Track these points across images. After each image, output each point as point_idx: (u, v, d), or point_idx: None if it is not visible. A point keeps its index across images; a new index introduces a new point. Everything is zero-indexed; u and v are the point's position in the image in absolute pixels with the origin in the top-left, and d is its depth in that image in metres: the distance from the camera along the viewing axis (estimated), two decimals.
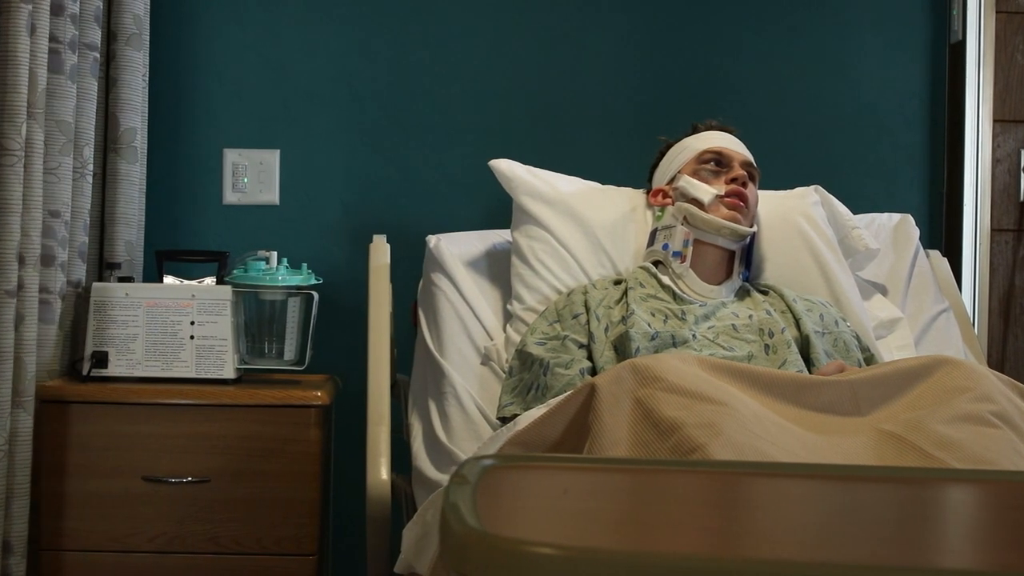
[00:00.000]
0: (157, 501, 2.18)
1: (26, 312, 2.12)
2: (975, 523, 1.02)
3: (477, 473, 0.93)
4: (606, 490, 0.99)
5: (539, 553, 0.72)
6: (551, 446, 1.52)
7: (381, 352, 2.19)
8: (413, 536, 1.81)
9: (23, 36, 2.07)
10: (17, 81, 2.08)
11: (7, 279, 2.07)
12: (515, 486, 0.96)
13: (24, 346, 2.12)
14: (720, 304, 2.06)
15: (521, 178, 2.26)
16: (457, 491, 0.86)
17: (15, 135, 2.07)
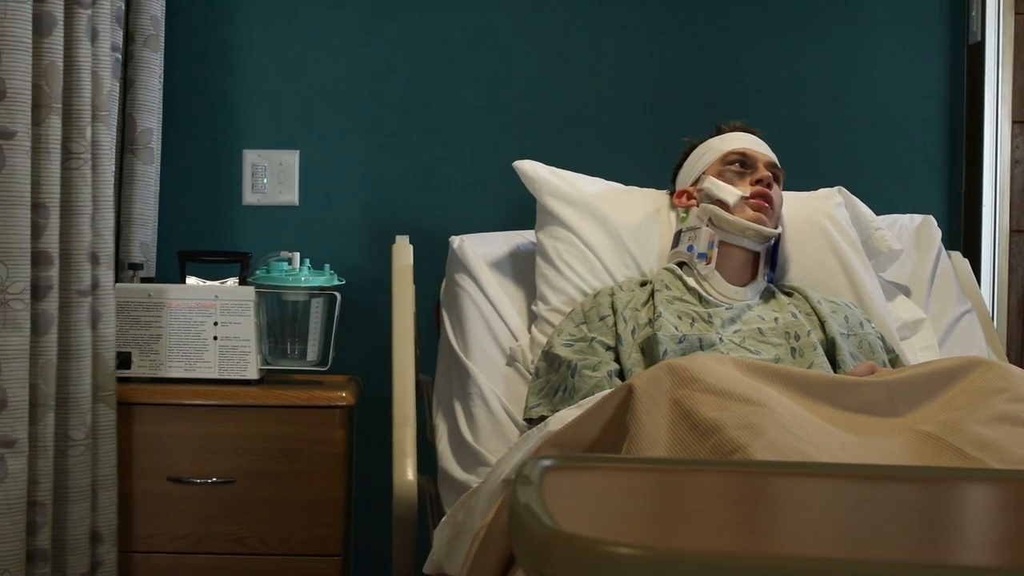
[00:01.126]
0: (182, 501, 2.19)
1: (102, 310, 2.15)
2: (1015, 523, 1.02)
3: (539, 474, 0.94)
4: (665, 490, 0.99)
5: (621, 553, 0.72)
6: (588, 446, 1.53)
7: (405, 353, 2.19)
8: (444, 536, 1.82)
9: (84, 41, 2.09)
10: (81, 85, 2.09)
11: (80, 279, 2.09)
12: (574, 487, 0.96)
13: (102, 343, 2.14)
14: (746, 307, 2.06)
15: (545, 179, 2.27)
16: (525, 492, 0.86)
17: (80, 138, 2.09)
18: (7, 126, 1.97)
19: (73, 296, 2.10)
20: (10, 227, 1.98)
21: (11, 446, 1.98)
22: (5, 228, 1.98)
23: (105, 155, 2.17)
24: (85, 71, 2.10)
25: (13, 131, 1.97)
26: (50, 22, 2.03)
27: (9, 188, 1.97)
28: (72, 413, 2.09)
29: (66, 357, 2.09)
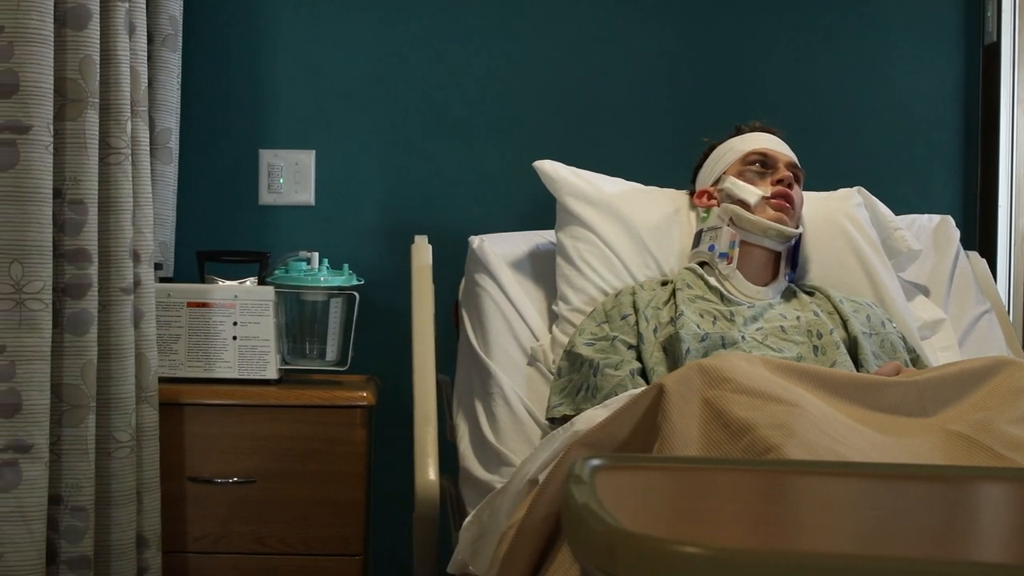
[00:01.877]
0: (203, 501, 2.19)
1: (145, 308, 2.14)
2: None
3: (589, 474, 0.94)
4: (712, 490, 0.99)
5: (689, 552, 0.72)
6: (618, 446, 1.53)
7: (426, 353, 2.19)
8: (470, 536, 1.82)
9: (122, 34, 2.08)
10: (119, 79, 2.08)
11: (121, 276, 2.08)
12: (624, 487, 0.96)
13: (145, 342, 2.13)
14: (768, 305, 2.07)
15: (565, 179, 2.27)
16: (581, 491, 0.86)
17: (120, 133, 2.08)
18: (21, 120, 1.96)
19: (115, 294, 2.08)
20: (25, 224, 1.95)
21: (26, 451, 1.95)
22: (20, 225, 1.95)
23: (143, 151, 2.15)
24: (124, 65, 2.09)
25: (28, 125, 1.96)
26: (85, 15, 2.02)
27: (24, 184, 1.95)
28: (115, 414, 2.07)
29: (107, 357, 2.07)
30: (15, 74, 1.94)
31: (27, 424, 1.96)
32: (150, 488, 2.14)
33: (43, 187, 1.98)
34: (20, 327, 1.95)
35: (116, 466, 2.08)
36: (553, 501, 1.52)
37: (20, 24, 1.94)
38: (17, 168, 1.94)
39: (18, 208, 1.95)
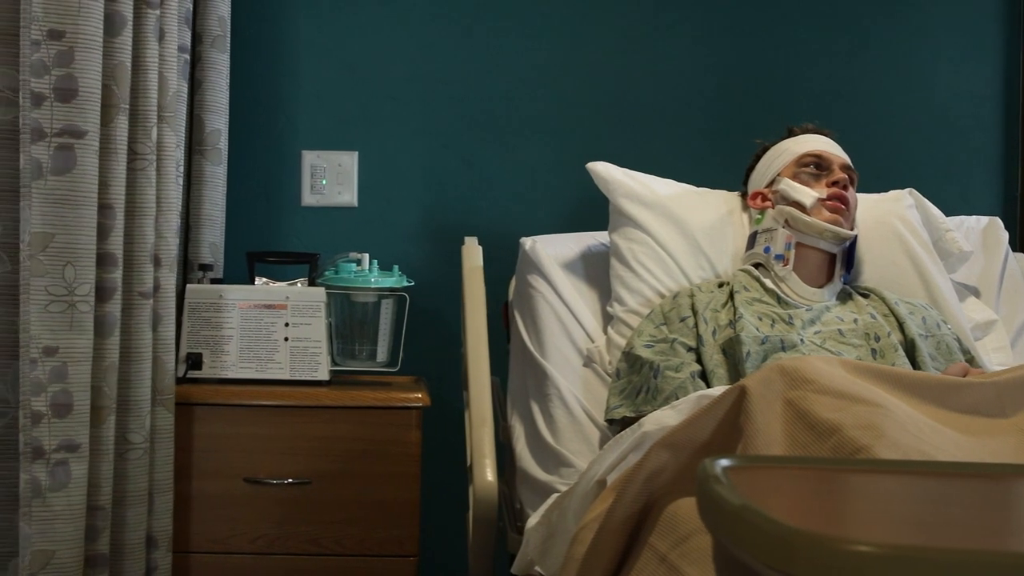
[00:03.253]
0: (258, 502, 2.19)
1: (163, 312, 2.14)
2: None
3: (724, 474, 0.94)
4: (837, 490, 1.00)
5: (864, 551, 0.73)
6: (699, 447, 1.53)
7: (480, 354, 2.19)
8: (539, 537, 1.82)
9: (152, 41, 2.09)
10: (147, 85, 2.09)
11: (142, 281, 2.09)
12: (756, 486, 0.97)
13: (162, 345, 2.13)
14: (824, 308, 2.07)
15: (619, 180, 2.27)
16: (729, 492, 0.87)
17: (146, 139, 2.08)
18: (79, 125, 1.97)
19: (135, 298, 2.09)
20: (79, 228, 1.98)
21: (75, 450, 1.98)
22: (75, 229, 1.97)
23: (169, 157, 2.16)
24: (152, 71, 2.10)
25: (84, 130, 1.97)
26: (120, 22, 2.02)
27: (79, 188, 1.97)
28: (131, 416, 2.09)
29: (127, 360, 2.08)
30: (74, 79, 1.95)
31: (76, 424, 1.98)
32: (162, 490, 2.14)
33: (93, 192, 2.00)
34: (71, 329, 1.97)
35: (130, 467, 2.10)
36: (635, 501, 1.53)
37: (80, 30, 1.95)
38: (74, 172, 1.96)
39: (73, 212, 1.96)
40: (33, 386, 1.92)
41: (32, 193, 1.92)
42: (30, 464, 1.92)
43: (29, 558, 1.91)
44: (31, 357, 1.92)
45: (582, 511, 1.74)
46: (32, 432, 1.92)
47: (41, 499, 1.92)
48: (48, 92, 1.93)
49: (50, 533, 1.93)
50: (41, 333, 1.93)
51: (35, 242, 1.92)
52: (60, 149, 1.93)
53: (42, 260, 1.93)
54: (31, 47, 1.91)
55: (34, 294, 1.93)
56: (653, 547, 1.47)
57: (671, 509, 1.49)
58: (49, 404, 1.93)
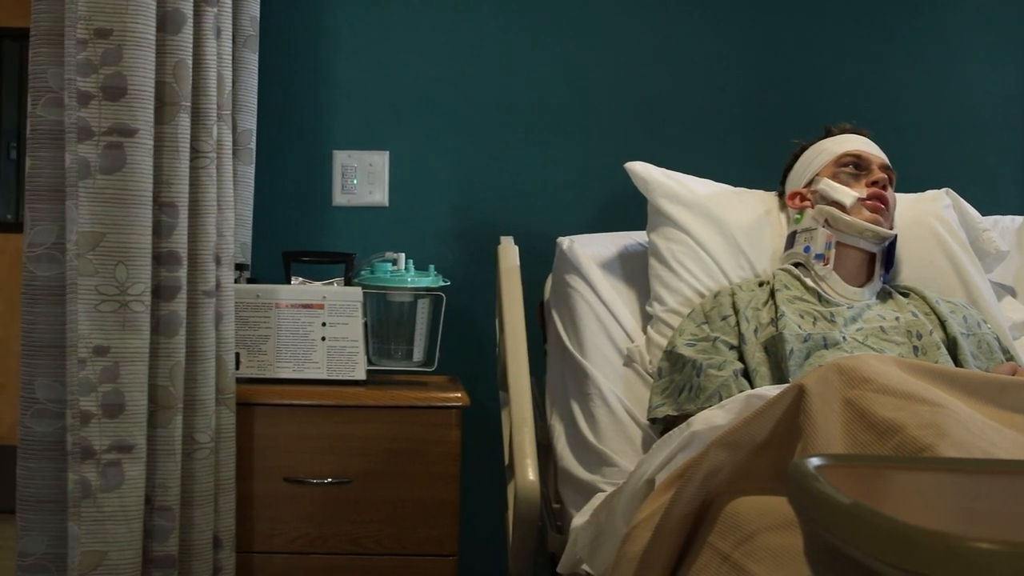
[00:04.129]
0: (299, 502, 2.19)
1: (224, 311, 2.14)
2: None
3: (820, 474, 0.95)
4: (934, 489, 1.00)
5: (986, 549, 0.73)
6: (757, 447, 1.53)
7: (519, 354, 2.19)
8: (588, 536, 1.82)
9: (210, 38, 2.09)
10: (207, 83, 2.09)
11: (205, 280, 2.08)
12: (851, 485, 0.97)
13: (224, 344, 2.13)
14: (866, 306, 2.08)
15: (657, 180, 2.28)
16: (833, 491, 0.87)
17: (206, 137, 2.08)
18: (128, 123, 1.97)
19: (199, 297, 2.09)
20: (131, 227, 1.97)
21: (128, 451, 1.97)
22: (126, 228, 1.97)
23: (227, 155, 2.17)
24: (211, 69, 2.10)
25: (135, 128, 1.97)
26: (180, 19, 2.02)
27: (130, 186, 1.97)
28: (198, 416, 2.08)
29: (192, 359, 2.08)
30: (123, 77, 1.95)
31: (129, 425, 1.97)
32: (226, 489, 2.14)
33: (146, 190, 1.99)
34: (124, 328, 1.97)
35: (197, 467, 2.10)
36: (692, 500, 1.53)
37: (128, 28, 1.94)
38: (123, 171, 1.96)
39: (123, 211, 1.96)
40: (82, 386, 1.92)
41: (79, 192, 1.92)
42: (79, 464, 1.92)
43: (79, 559, 1.91)
44: (80, 357, 1.92)
45: (631, 511, 1.74)
46: (80, 432, 1.92)
47: (91, 500, 1.92)
48: (96, 91, 1.93)
49: (101, 534, 1.93)
50: (91, 333, 1.93)
51: (83, 242, 1.92)
52: (109, 148, 1.93)
53: (91, 259, 1.93)
54: (76, 46, 1.91)
55: (82, 294, 1.93)
56: (713, 546, 1.48)
57: (731, 508, 1.50)
58: (100, 404, 1.93)
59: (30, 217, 2.01)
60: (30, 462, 2.01)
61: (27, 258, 2.00)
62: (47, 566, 2.01)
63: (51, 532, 2.01)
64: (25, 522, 2.01)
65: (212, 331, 2.12)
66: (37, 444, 2.01)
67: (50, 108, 1.99)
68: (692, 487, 1.55)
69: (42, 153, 2.00)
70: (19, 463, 2.03)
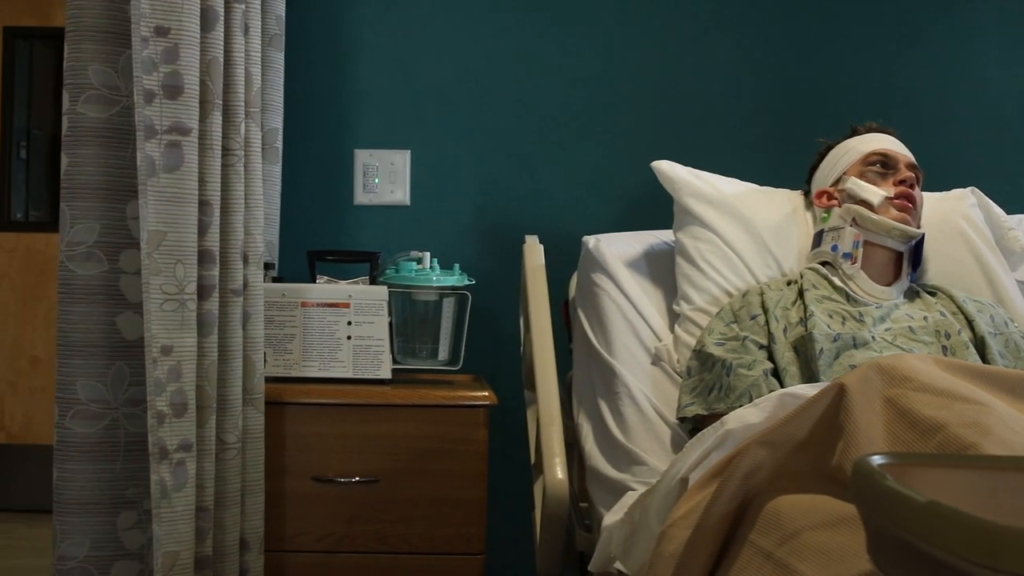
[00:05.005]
0: (326, 501, 2.19)
1: (252, 310, 2.13)
2: None
3: (885, 472, 0.95)
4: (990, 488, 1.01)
5: None
6: (797, 445, 1.54)
7: (546, 353, 2.19)
8: (622, 535, 1.82)
9: (239, 36, 2.08)
10: (236, 81, 2.09)
11: (233, 278, 2.08)
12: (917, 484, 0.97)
13: (252, 344, 2.13)
14: (894, 306, 2.08)
15: (684, 179, 2.28)
16: (907, 490, 0.87)
17: (235, 135, 2.08)
18: (185, 122, 1.97)
19: (228, 296, 2.09)
20: (186, 226, 1.97)
21: (189, 450, 1.97)
22: (183, 227, 1.97)
23: (255, 153, 2.16)
24: (240, 67, 2.10)
25: (190, 127, 1.97)
26: (213, 17, 2.02)
27: (185, 186, 1.97)
28: (226, 416, 2.08)
29: (221, 358, 2.08)
30: (180, 76, 1.95)
31: (189, 423, 1.98)
32: (253, 491, 2.14)
33: (195, 189, 1.99)
34: (182, 328, 1.97)
35: (225, 468, 2.09)
36: (732, 499, 1.53)
37: (183, 26, 1.95)
38: (182, 170, 1.96)
39: (181, 210, 1.96)
40: (156, 386, 1.92)
41: (148, 191, 1.92)
42: (158, 464, 1.91)
43: (161, 559, 1.90)
44: (152, 356, 1.92)
45: (664, 509, 1.74)
46: (158, 432, 1.92)
47: (167, 499, 1.92)
48: (157, 89, 1.92)
49: (175, 534, 1.92)
50: (158, 332, 1.93)
51: (151, 240, 1.92)
52: (170, 146, 1.93)
53: (157, 259, 1.93)
54: (140, 43, 1.90)
55: (152, 293, 1.92)
56: (755, 544, 1.48)
57: (771, 506, 1.50)
58: (169, 404, 1.93)
59: (69, 216, 2.00)
60: (70, 464, 1.99)
61: (66, 257, 2.00)
62: (89, 569, 1.99)
63: (92, 535, 1.99)
64: (64, 525, 1.99)
65: (239, 330, 2.11)
66: (78, 446, 1.99)
67: (91, 105, 1.99)
68: (732, 486, 1.55)
69: (83, 151, 1.99)
70: (57, 465, 2.01)
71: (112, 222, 2.02)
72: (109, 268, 2.03)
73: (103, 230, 2.02)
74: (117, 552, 2.02)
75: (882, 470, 0.97)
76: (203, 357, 2.03)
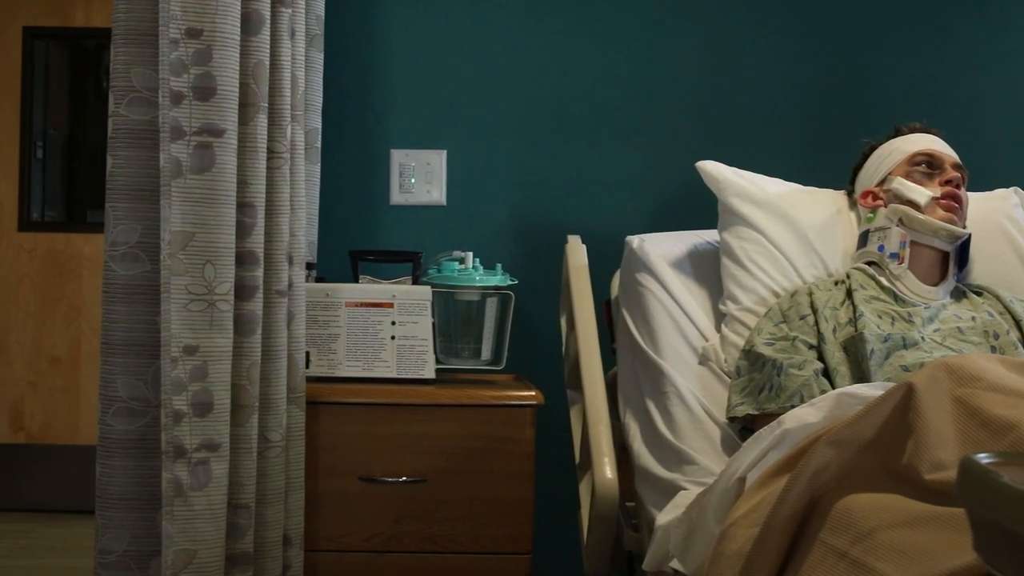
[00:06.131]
0: (374, 501, 2.19)
1: (295, 310, 2.14)
2: None
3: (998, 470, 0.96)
4: None
5: None
6: (865, 444, 1.54)
7: (591, 353, 2.19)
8: (681, 533, 1.83)
9: (286, 39, 2.09)
10: (282, 84, 2.09)
11: (279, 279, 2.09)
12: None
13: (295, 344, 2.14)
14: (942, 306, 2.09)
15: (729, 179, 2.29)
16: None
17: (281, 137, 2.09)
18: (217, 123, 1.97)
19: (273, 296, 2.09)
20: (219, 227, 1.98)
21: (215, 449, 1.98)
22: (214, 228, 1.98)
23: (299, 155, 2.17)
24: (286, 70, 2.10)
25: (223, 129, 1.98)
26: (259, 20, 2.03)
27: (218, 187, 1.98)
28: (270, 415, 2.09)
29: (265, 358, 2.09)
30: (212, 78, 1.95)
31: (216, 423, 1.98)
32: (295, 488, 2.15)
33: (231, 190, 2.00)
34: (211, 328, 1.97)
35: (269, 466, 2.10)
36: (800, 498, 1.54)
37: (217, 28, 1.95)
38: (213, 171, 1.96)
39: (212, 210, 1.96)
40: (174, 385, 1.92)
41: (172, 192, 1.92)
42: (172, 463, 1.92)
43: (172, 557, 1.91)
44: (172, 356, 1.92)
45: (722, 509, 1.75)
46: (174, 431, 1.93)
47: (183, 498, 1.92)
48: (187, 91, 1.93)
49: (191, 532, 1.93)
50: (181, 332, 1.93)
51: (175, 241, 1.93)
52: (199, 148, 1.94)
53: (182, 259, 1.93)
54: (169, 46, 1.92)
55: (174, 293, 1.93)
56: (826, 543, 1.48)
57: (841, 505, 1.50)
58: (190, 403, 1.93)
59: (112, 216, 2.01)
60: (112, 460, 2.01)
61: (109, 257, 2.01)
62: (128, 563, 2.01)
63: (132, 530, 2.01)
64: (106, 520, 2.02)
65: (284, 330, 2.12)
66: (119, 442, 2.01)
67: (133, 108, 2.00)
68: (800, 485, 1.55)
69: (125, 152, 2.00)
70: (99, 461, 2.03)
71: (153, 223, 2.03)
72: (150, 268, 2.04)
73: (144, 230, 2.03)
74: (156, 547, 2.03)
75: (998, 469, 0.98)
76: (244, 357, 2.04)
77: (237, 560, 2.03)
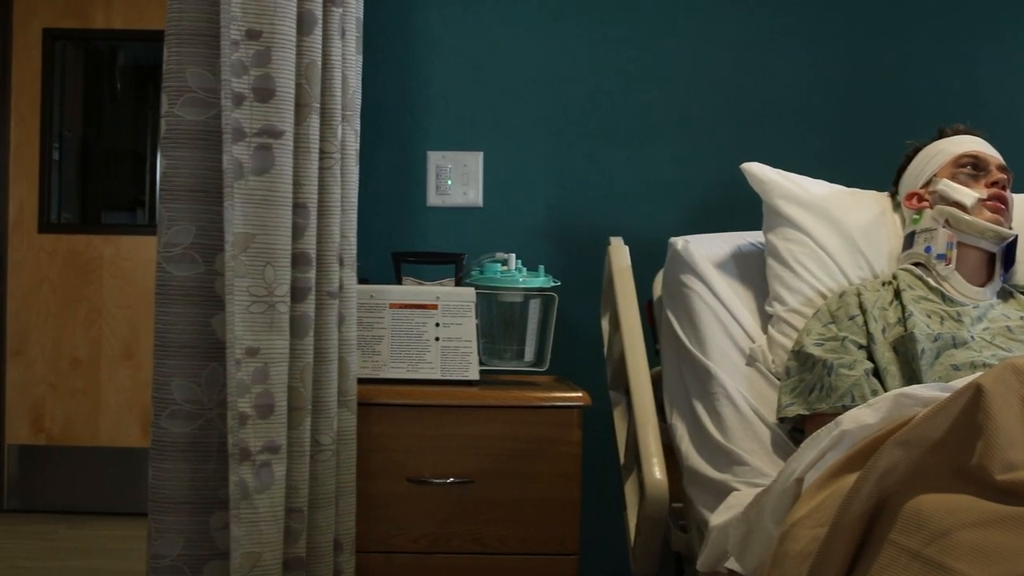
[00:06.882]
0: (421, 502, 2.20)
1: (346, 313, 2.14)
2: None
3: None
4: None
5: None
6: (933, 445, 1.55)
7: (637, 354, 2.20)
8: (739, 534, 1.83)
9: (336, 40, 2.09)
10: (333, 84, 2.09)
11: (329, 280, 2.08)
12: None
13: (346, 346, 2.13)
14: (990, 306, 2.10)
15: (774, 181, 2.30)
16: None
17: (332, 138, 2.09)
18: (276, 125, 1.97)
19: (324, 298, 2.09)
20: (277, 228, 1.98)
21: (276, 451, 1.98)
22: (273, 230, 1.97)
23: (350, 156, 2.17)
24: (337, 70, 2.10)
25: (281, 130, 1.98)
26: (311, 20, 2.03)
27: (277, 188, 1.98)
28: (322, 418, 2.08)
29: (317, 360, 2.08)
30: (272, 79, 1.95)
31: (277, 425, 1.98)
32: (346, 492, 2.15)
33: (288, 191, 2.00)
34: (271, 330, 1.96)
35: (320, 469, 2.09)
36: (868, 498, 1.54)
37: (276, 30, 1.95)
38: (272, 172, 1.96)
39: (272, 212, 1.96)
40: (239, 387, 1.92)
41: (234, 193, 1.92)
42: (238, 466, 1.92)
43: (239, 560, 1.91)
44: (236, 358, 1.92)
45: (780, 509, 1.75)
46: (239, 434, 1.92)
47: (248, 501, 1.92)
48: (248, 92, 1.93)
49: (256, 535, 1.93)
50: (244, 334, 1.93)
51: (237, 243, 1.92)
52: (260, 149, 1.94)
53: (243, 261, 1.93)
54: (231, 47, 1.91)
55: (237, 295, 1.93)
56: (897, 544, 1.48)
57: (912, 506, 1.50)
58: (253, 405, 1.93)
59: (166, 217, 2.01)
60: (165, 463, 2.00)
61: (163, 258, 2.00)
62: (181, 568, 2.00)
63: (186, 534, 2.00)
64: (159, 524, 2.00)
65: (335, 332, 2.12)
66: (173, 445, 2.00)
67: (188, 108, 1.99)
68: (868, 485, 1.55)
69: (180, 153, 2.00)
70: (152, 464, 2.02)
71: (207, 224, 2.02)
72: (205, 270, 2.03)
73: (199, 232, 2.02)
74: (209, 552, 2.02)
75: None
76: (297, 359, 2.03)
77: (291, 565, 2.03)
